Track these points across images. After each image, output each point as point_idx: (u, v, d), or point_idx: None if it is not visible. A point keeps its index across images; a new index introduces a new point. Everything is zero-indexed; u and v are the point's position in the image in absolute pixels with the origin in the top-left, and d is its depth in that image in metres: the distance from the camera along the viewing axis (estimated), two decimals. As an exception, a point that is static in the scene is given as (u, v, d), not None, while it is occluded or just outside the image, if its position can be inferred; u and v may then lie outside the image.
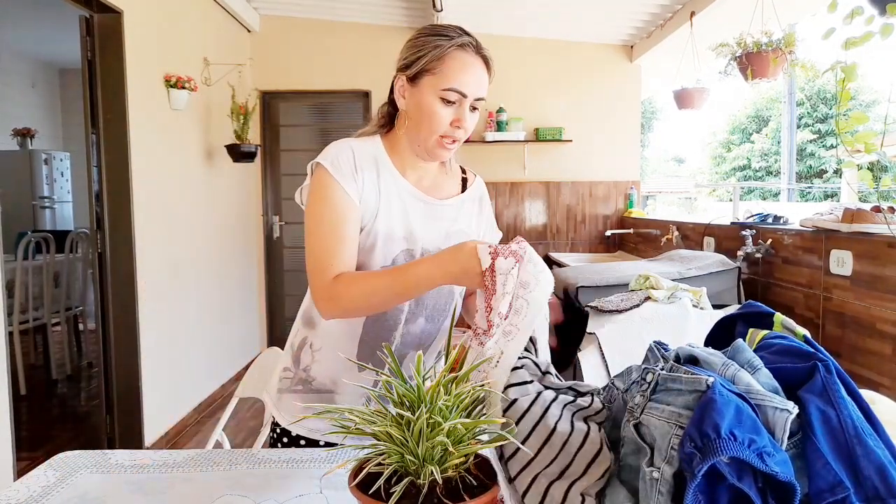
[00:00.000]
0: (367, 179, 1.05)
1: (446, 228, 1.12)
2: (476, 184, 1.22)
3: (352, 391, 1.12)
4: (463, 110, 1.03)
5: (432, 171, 1.15)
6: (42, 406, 3.63)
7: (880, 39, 1.44)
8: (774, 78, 2.60)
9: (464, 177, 1.21)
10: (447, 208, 1.13)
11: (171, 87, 3.09)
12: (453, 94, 1.01)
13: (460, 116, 1.03)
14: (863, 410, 0.63)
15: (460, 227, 1.14)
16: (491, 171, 4.49)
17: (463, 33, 1.04)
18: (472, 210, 1.18)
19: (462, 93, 1.02)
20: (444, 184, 1.16)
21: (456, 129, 1.04)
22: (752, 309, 0.80)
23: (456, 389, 0.64)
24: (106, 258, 2.81)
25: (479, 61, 1.04)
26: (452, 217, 1.14)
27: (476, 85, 1.03)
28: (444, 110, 1.03)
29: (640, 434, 0.64)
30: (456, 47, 1.02)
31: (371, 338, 1.10)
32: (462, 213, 1.16)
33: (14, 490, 0.82)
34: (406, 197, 1.09)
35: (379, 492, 0.60)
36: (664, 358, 0.72)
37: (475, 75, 1.03)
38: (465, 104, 1.03)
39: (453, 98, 1.02)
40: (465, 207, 1.16)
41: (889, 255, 1.77)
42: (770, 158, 16.27)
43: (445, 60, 1.01)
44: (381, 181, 1.07)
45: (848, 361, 1.91)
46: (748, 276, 2.55)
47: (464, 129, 1.04)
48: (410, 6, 4.06)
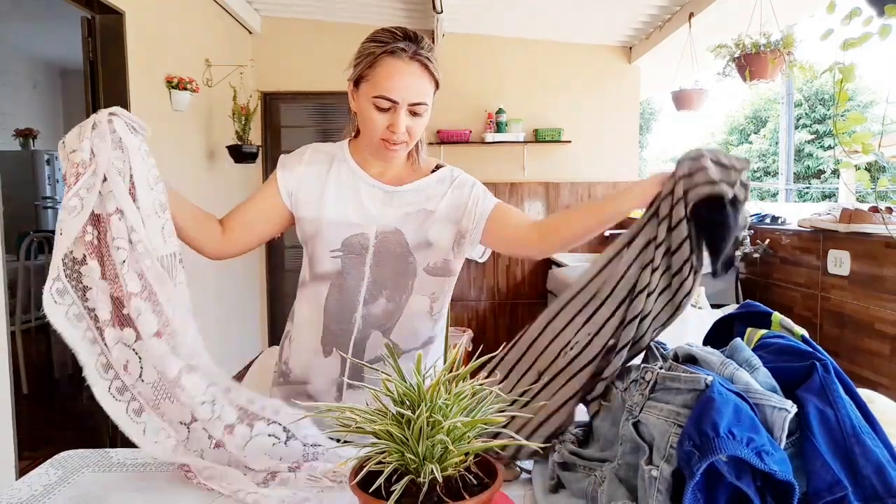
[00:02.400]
0: (309, 172, 1.14)
1: (405, 210, 1.13)
2: (448, 169, 1.19)
3: (322, 381, 1.15)
4: (397, 116, 1.03)
5: (396, 167, 1.17)
6: (44, 405, 3.63)
7: (878, 40, 1.45)
8: (773, 79, 2.61)
9: (439, 165, 1.20)
10: (407, 193, 1.14)
11: (172, 89, 3.09)
12: (383, 101, 1.02)
13: (394, 122, 1.03)
14: (861, 409, 0.63)
15: (422, 206, 1.14)
16: (490, 171, 4.49)
17: (399, 38, 1.02)
18: (441, 191, 1.15)
19: (391, 99, 1.02)
20: (408, 177, 1.17)
21: (392, 134, 1.04)
22: (751, 308, 0.80)
23: (456, 388, 0.65)
24: (106, 259, 2.81)
25: (413, 66, 1.02)
26: (413, 200, 1.14)
27: (408, 90, 1.02)
28: (379, 116, 1.04)
29: (638, 433, 0.64)
30: (386, 54, 1.02)
31: (333, 322, 1.14)
32: (426, 195, 1.14)
33: (16, 489, 0.83)
34: (362, 185, 1.13)
35: (379, 490, 0.61)
36: (663, 357, 0.73)
37: (405, 81, 1.01)
38: (399, 110, 1.03)
39: (384, 105, 1.03)
40: (431, 189, 1.15)
41: (886, 254, 1.78)
42: (768, 159, 16.27)
43: (376, 67, 1.02)
44: (332, 175, 1.13)
45: (846, 361, 1.91)
46: (746, 276, 2.56)
47: (399, 134, 1.04)
48: (410, 7, 4.07)
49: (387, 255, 1.12)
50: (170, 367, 0.84)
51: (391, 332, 1.15)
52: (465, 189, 1.16)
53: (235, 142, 3.78)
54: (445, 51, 4.44)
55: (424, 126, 1.09)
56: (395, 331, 1.15)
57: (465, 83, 4.44)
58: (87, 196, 0.85)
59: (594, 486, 0.68)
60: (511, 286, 4.56)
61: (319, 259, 1.13)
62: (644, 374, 0.68)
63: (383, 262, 1.13)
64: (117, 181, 0.89)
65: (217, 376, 0.89)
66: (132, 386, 0.85)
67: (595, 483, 0.68)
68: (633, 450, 0.64)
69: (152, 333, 0.84)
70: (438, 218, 1.13)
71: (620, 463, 0.66)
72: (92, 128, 0.92)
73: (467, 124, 4.42)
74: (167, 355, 0.84)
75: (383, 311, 1.13)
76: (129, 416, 0.83)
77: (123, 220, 0.86)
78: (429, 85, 1.05)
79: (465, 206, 1.15)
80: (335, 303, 1.13)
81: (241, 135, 3.77)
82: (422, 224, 1.13)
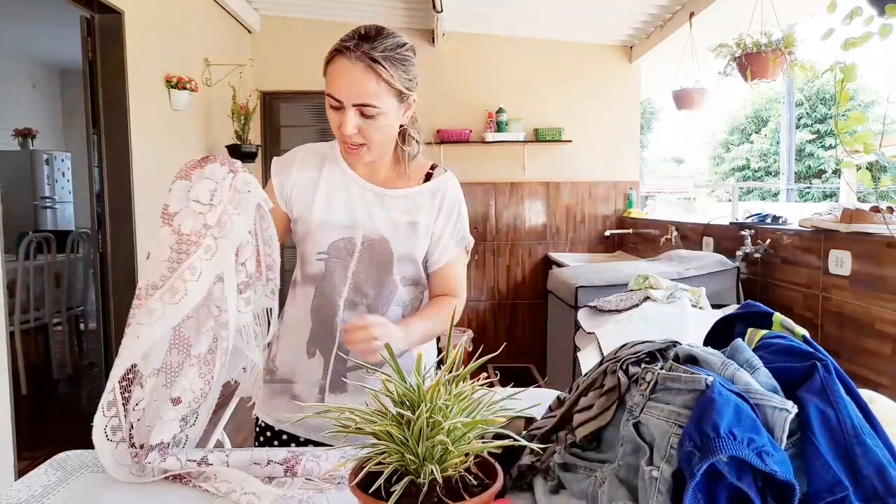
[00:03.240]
0: (302, 175, 1.14)
1: (395, 220, 1.13)
2: (439, 179, 1.17)
3: (305, 382, 1.16)
4: (344, 116, 1.02)
5: (385, 168, 1.16)
6: (43, 406, 3.63)
7: (879, 40, 1.44)
8: (774, 78, 2.61)
9: (429, 172, 1.18)
10: (399, 199, 1.14)
11: (171, 88, 3.09)
12: (332, 100, 1.03)
13: (341, 122, 1.02)
14: (862, 410, 0.63)
15: (412, 218, 1.13)
16: (490, 171, 4.49)
17: (352, 37, 1.01)
18: (430, 205, 1.14)
19: (335, 98, 1.01)
20: (397, 179, 1.16)
21: (347, 136, 1.03)
22: (751, 309, 0.80)
23: (456, 388, 0.65)
24: (107, 258, 2.81)
25: (357, 66, 0.99)
26: (404, 209, 1.13)
27: (349, 90, 1.00)
28: (333, 115, 1.05)
29: (639, 433, 0.64)
30: (336, 52, 1.02)
31: (318, 324, 1.14)
32: (416, 205, 1.14)
33: (15, 489, 0.82)
34: (353, 186, 1.13)
35: (379, 491, 0.60)
36: (663, 357, 0.73)
37: (347, 80, 1.00)
38: (346, 109, 1.01)
39: (334, 104, 1.03)
40: (422, 201, 1.14)
41: (888, 254, 1.78)
42: (769, 159, 16.27)
43: (329, 66, 1.03)
44: (324, 175, 1.13)
45: (847, 361, 1.91)
46: (747, 276, 2.56)
47: (348, 134, 1.02)
48: (410, 7, 4.06)
49: (371, 262, 1.12)
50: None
51: None
52: (448, 221, 1.16)
53: (235, 141, 3.78)
54: (446, 50, 4.44)
55: (385, 130, 1.06)
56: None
57: (465, 82, 4.44)
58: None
59: (595, 486, 0.68)
60: (511, 286, 4.56)
61: (308, 261, 1.14)
62: (644, 375, 0.68)
63: (366, 269, 1.12)
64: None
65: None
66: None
67: (595, 484, 0.68)
68: (634, 450, 0.64)
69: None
70: (424, 234, 1.13)
71: (621, 464, 0.65)
72: (231, 189, 0.92)
73: (467, 124, 4.42)
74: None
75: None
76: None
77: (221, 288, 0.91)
78: (376, 86, 1.00)
79: (437, 239, 1.16)
80: (319, 306, 1.14)
81: (240, 134, 3.78)
82: (410, 238, 1.13)
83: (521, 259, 4.56)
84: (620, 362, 0.73)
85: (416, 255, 1.14)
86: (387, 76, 1.01)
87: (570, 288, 2.63)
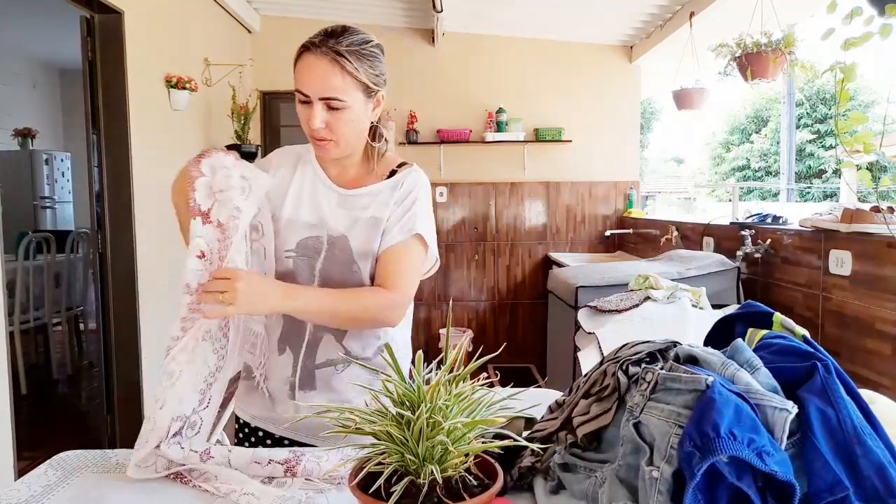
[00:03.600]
0: (277, 175, 1.17)
1: (355, 216, 1.14)
2: (403, 173, 1.17)
3: (277, 378, 1.17)
4: (312, 110, 1.04)
5: (355, 167, 1.18)
6: (43, 406, 3.63)
7: (879, 40, 1.44)
8: (774, 78, 2.60)
9: (395, 169, 1.18)
10: (360, 197, 1.15)
11: (171, 88, 3.09)
12: (300, 95, 1.06)
13: (309, 115, 1.05)
14: (862, 410, 0.63)
15: (372, 214, 1.13)
16: (490, 171, 4.49)
17: (318, 35, 1.05)
18: (387, 198, 1.14)
19: (303, 93, 1.05)
20: (365, 178, 1.18)
21: (314, 130, 1.06)
22: (752, 309, 0.80)
23: (456, 389, 0.65)
24: (107, 258, 2.81)
25: (321, 60, 1.02)
26: (364, 205, 1.14)
27: (316, 83, 1.03)
28: (302, 111, 1.07)
29: (639, 433, 0.64)
30: (303, 49, 1.05)
31: (288, 325, 1.16)
32: (377, 201, 1.14)
33: (15, 490, 0.82)
34: (319, 186, 1.16)
35: (379, 491, 0.60)
36: (664, 357, 0.72)
37: (312, 73, 1.03)
38: (314, 104, 1.04)
39: (302, 98, 1.06)
40: (382, 196, 1.15)
41: (888, 254, 1.78)
42: (769, 159, 16.26)
43: (297, 64, 1.06)
44: (297, 175, 1.17)
45: (847, 361, 1.91)
46: (747, 276, 2.56)
47: (316, 128, 1.05)
48: (410, 7, 4.06)
49: (335, 261, 1.12)
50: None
51: (343, 338, 1.15)
52: (397, 207, 1.14)
53: (234, 141, 3.78)
54: (446, 50, 4.44)
55: (352, 124, 1.07)
56: (347, 337, 1.15)
57: (465, 82, 4.44)
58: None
59: (595, 487, 0.68)
60: (511, 286, 4.56)
61: (278, 258, 1.15)
62: (645, 375, 0.68)
63: (332, 267, 1.13)
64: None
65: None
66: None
67: (596, 484, 0.68)
68: (634, 450, 0.64)
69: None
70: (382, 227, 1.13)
71: (621, 464, 0.65)
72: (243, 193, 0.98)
73: (467, 124, 4.42)
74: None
75: None
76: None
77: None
78: (342, 81, 1.03)
79: (385, 224, 1.13)
80: None
81: (240, 134, 3.77)
82: (370, 233, 1.12)
83: (521, 259, 4.56)
84: (620, 362, 0.73)
85: (375, 248, 1.14)
86: (351, 69, 1.03)
87: (570, 288, 2.63)
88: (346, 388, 1.15)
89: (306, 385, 1.15)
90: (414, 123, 4.37)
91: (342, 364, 1.15)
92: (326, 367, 1.15)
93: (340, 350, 1.15)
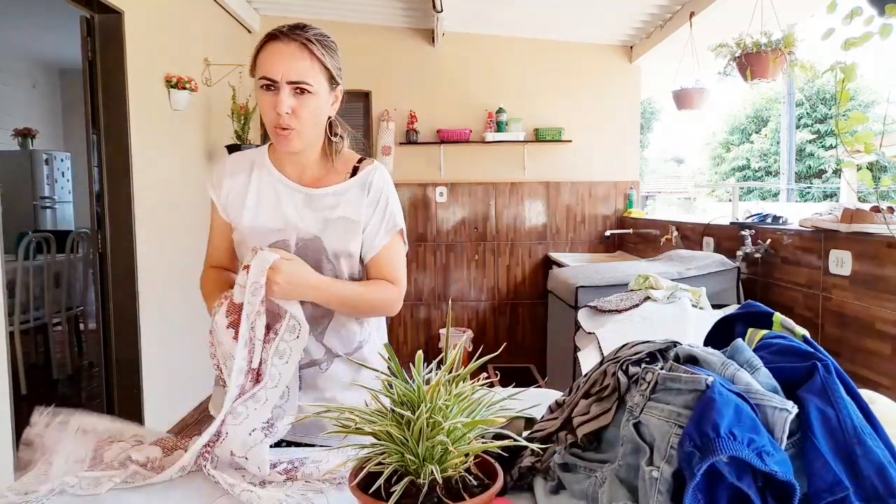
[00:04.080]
0: (233, 185, 1.17)
1: (325, 216, 1.14)
2: (365, 172, 1.17)
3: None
4: (278, 94, 1.05)
5: (314, 166, 1.18)
6: (43, 406, 3.62)
7: (879, 40, 1.44)
8: (774, 78, 2.60)
9: (356, 165, 1.19)
10: (327, 197, 1.15)
11: (171, 88, 3.09)
12: (264, 81, 1.06)
13: (275, 101, 1.05)
14: (862, 410, 0.63)
15: (342, 214, 1.14)
16: (490, 171, 4.49)
17: (281, 27, 1.07)
18: (358, 197, 1.15)
19: (270, 78, 1.05)
20: (328, 176, 1.18)
21: (279, 116, 1.06)
22: (752, 309, 0.80)
23: (456, 389, 0.65)
24: (107, 258, 2.81)
25: (289, 46, 1.05)
26: (333, 205, 1.14)
27: (285, 67, 1.04)
28: (266, 99, 1.07)
29: (639, 433, 0.64)
30: (268, 38, 1.07)
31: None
32: (345, 200, 1.15)
33: (14, 490, 0.82)
34: (281, 189, 1.15)
35: (379, 491, 0.60)
36: (664, 357, 0.72)
37: (282, 59, 1.04)
38: (280, 89, 1.05)
39: (267, 84, 1.06)
40: (350, 196, 1.15)
41: (888, 254, 1.78)
42: (769, 159, 16.25)
43: (259, 54, 1.07)
44: (253, 180, 1.16)
45: (847, 361, 1.91)
46: (747, 276, 2.56)
47: (283, 114, 1.05)
48: (410, 6, 4.06)
49: (308, 261, 1.11)
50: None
51: (324, 337, 1.16)
52: (375, 209, 1.16)
53: (234, 141, 3.78)
54: (445, 50, 4.44)
55: (316, 112, 1.09)
56: (328, 335, 1.16)
57: (465, 82, 4.44)
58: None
59: (595, 487, 0.68)
60: (511, 286, 4.56)
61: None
62: (645, 375, 0.67)
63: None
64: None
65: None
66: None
67: (596, 484, 0.68)
68: (634, 451, 0.64)
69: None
70: (356, 228, 1.14)
71: (621, 464, 0.65)
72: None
73: (467, 123, 4.42)
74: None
75: (311, 316, 1.12)
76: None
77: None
78: (310, 65, 1.06)
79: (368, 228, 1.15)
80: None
81: (240, 134, 3.77)
82: (343, 234, 1.13)
83: (521, 259, 4.56)
84: (620, 362, 0.73)
85: (350, 249, 1.14)
86: (319, 54, 1.06)
87: (570, 288, 2.63)
88: (331, 385, 1.16)
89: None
90: (414, 123, 4.37)
91: (325, 363, 1.16)
92: (310, 367, 1.15)
93: (322, 349, 1.15)
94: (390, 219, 1.17)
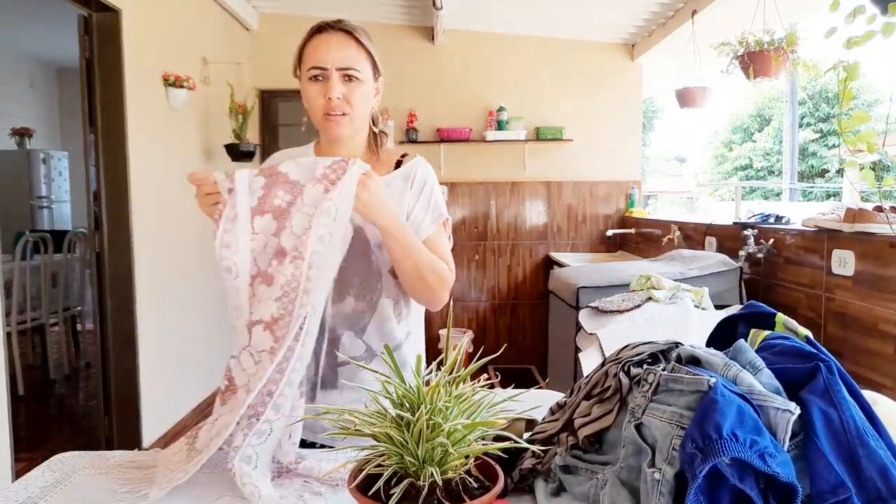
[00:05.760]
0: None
1: None
2: (409, 164, 1.20)
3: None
4: (330, 82, 1.09)
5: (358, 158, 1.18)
6: (40, 407, 3.62)
7: (882, 38, 1.44)
8: (776, 77, 2.60)
9: (399, 160, 1.21)
10: None
11: (169, 86, 3.09)
12: (315, 71, 1.10)
13: (325, 89, 1.09)
14: (865, 411, 0.62)
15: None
16: (491, 170, 4.49)
17: (330, 21, 1.12)
18: (403, 188, 1.17)
19: (320, 67, 1.09)
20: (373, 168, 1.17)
21: (330, 102, 1.09)
22: (754, 309, 0.80)
23: (456, 390, 0.64)
24: (104, 258, 2.80)
25: (336, 35, 1.10)
26: None
27: (334, 55, 1.09)
28: (315, 89, 1.10)
29: (641, 435, 0.63)
30: (313, 32, 1.12)
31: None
32: (389, 191, 1.15)
33: (12, 491, 0.82)
34: None
35: (378, 493, 0.60)
36: (666, 358, 0.72)
37: (330, 47, 1.09)
38: (330, 76, 1.09)
39: (317, 74, 1.10)
40: (395, 187, 1.16)
41: (891, 255, 1.77)
42: (772, 158, 16.24)
43: (307, 47, 1.12)
44: None
45: (850, 362, 1.91)
46: (750, 277, 2.55)
47: (335, 100, 1.08)
48: (410, 5, 4.06)
49: (352, 252, 1.11)
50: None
51: (364, 334, 1.15)
52: (419, 198, 1.17)
53: (233, 140, 3.77)
54: (446, 48, 4.43)
55: (365, 99, 1.12)
56: (368, 332, 1.15)
57: (465, 81, 4.44)
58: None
59: (596, 489, 0.67)
60: (511, 286, 4.56)
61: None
62: (646, 376, 0.67)
63: (349, 261, 1.11)
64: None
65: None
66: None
67: (597, 486, 0.67)
68: (636, 452, 0.64)
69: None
70: (402, 218, 1.14)
71: (623, 465, 0.65)
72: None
73: (468, 122, 4.41)
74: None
75: (353, 311, 1.12)
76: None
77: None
78: (357, 53, 1.10)
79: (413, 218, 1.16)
80: None
81: (238, 133, 3.77)
82: None
83: (521, 259, 4.56)
84: (622, 363, 0.72)
85: None
86: (365, 42, 1.12)
87: (571, 288, 2.62)
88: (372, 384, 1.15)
89: (328, 384, 1.14)
90: (413, 122, 4.37)
91: (365, 360, 1.15)
92: (347, 366, 1.14)
93: (362, 346, 1.15)
94: (435, 208, 1.18)
